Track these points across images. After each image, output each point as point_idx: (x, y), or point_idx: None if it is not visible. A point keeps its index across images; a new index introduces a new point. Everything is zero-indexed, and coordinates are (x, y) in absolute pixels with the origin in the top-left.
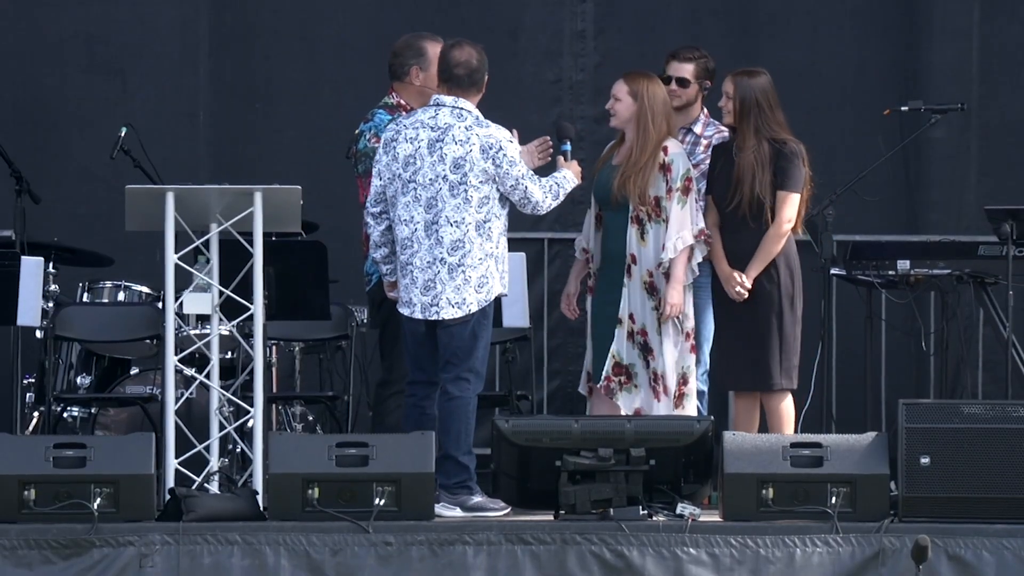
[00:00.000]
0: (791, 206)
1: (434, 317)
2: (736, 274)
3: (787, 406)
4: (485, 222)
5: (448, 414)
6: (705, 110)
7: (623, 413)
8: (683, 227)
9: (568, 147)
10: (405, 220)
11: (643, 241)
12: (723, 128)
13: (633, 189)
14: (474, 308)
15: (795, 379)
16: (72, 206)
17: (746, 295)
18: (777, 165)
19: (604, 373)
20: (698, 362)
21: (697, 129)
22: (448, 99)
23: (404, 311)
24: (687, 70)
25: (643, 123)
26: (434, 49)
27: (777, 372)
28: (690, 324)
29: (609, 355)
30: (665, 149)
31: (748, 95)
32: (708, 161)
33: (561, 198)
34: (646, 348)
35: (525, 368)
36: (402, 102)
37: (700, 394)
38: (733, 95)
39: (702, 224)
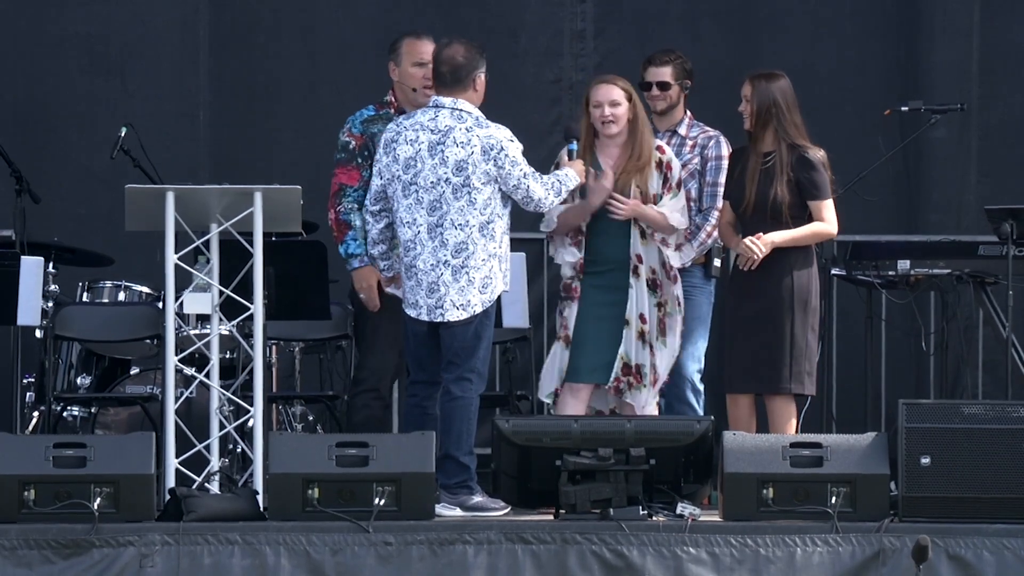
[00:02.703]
0: (830, 210)
1: (439, 319)
2: (750, 238)
3: (788, 406)
4: (489, 223)
5: (450, 414)
6: (688, 112)
7: (636, 412)
8: (675, 209)
9: (575, 147)
10: (407, 223)
11: (645, 240)
12: (708, 129)
13: (637, 188)
14: (478, 309)
15: (806, 384)
16: (72, 206)
17: (760, 256)
18: (802, 176)
19: (614, 374)
20: (695, 360)
21: (682, 131)
22: (447, 101)
23: (411, 312)
24: (666, 73)
25: (639, 124)
26: (411, 46)
27: (785, 376)
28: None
29: (618, 357)
30: (661, 148)
31: (766, 98)
32: (695, 161)
33: (563, 195)
34: (651, 347)
35: (525, 368)
36: (392, 99)
37: (697, 393)
38: (751, 98)
39: (686, 223)
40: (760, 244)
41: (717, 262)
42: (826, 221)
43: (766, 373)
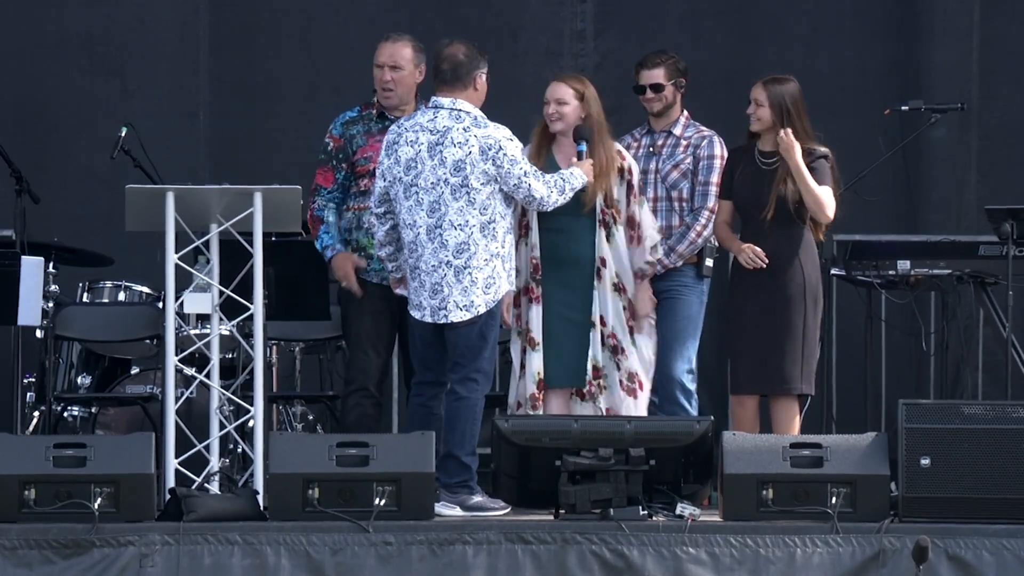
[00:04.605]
0: (829, 195)
1: (443, 321)
2: (747, 246)
3: (794, 406)
4: (490, 223)
5: (455, 413)
6: (686, 111)
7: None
8: (654, 227)
9: (583, 147)
10: (408, 224)
11: (610, 243)
12: (703, 129)
13: (604, 193)
14: (482, 310)
15: (812, 383)
16: (72, 206)
17: (761, 263)
18: (808, 167)
19: (587, 377)
20: (685, 360)
21: (677, 131)
22: (446, 101)
23: (415, 314)
24: (658, 75)
25: (592, 127)
26: (378, 48)
27: (797, 376)
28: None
29: (588, 360)
30: (621, 154)
31: (779, 102)
32: (688, 162)
33: (568, 193)
34: (615, 349)
35: None
36: (376, 100)
37: (688, 394)
38: (764, 102)
39: (658, 222)
40: (762, 254)
41: (709, 262)
42: (825, 191)
43: (776, 373)
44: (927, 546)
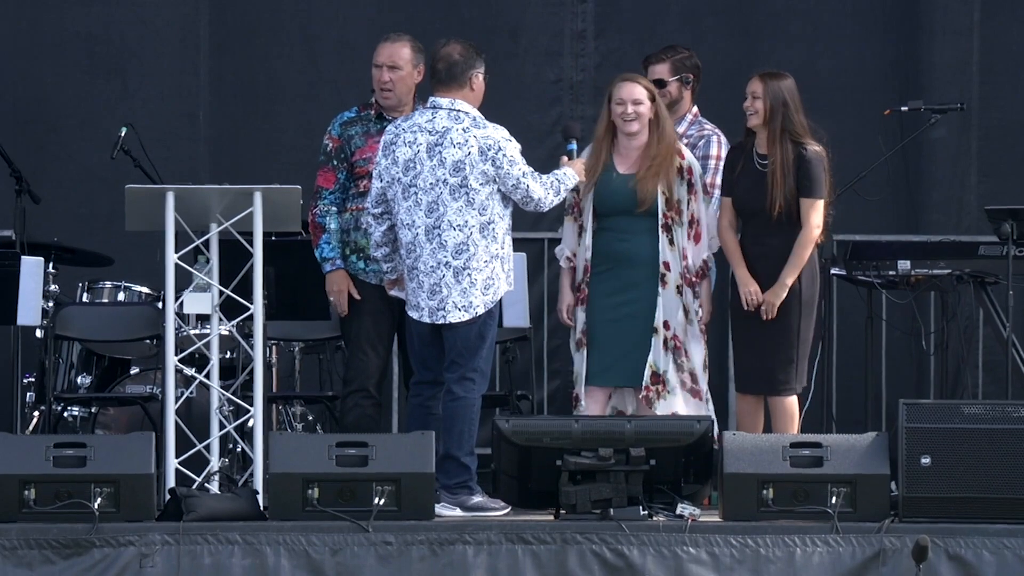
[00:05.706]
0: (817, 212)
1: (441, 322)
2: (752, 288)
3: (793, 404)
4: (489, 224)
5: (452, 414)
6: (695, 108)
7: None
8: (713, 227)
9: (574, 146)
10: (407, 224)
11: (672, 246)
12: (706, 128)
13: (663, 195)
14: (481, 311)
15: (805, 377)
16: (72, 206)
17: (755, 307)
18: (801, 171)
19: (644, 383)
20: None
21: (680, 129)
22: (444, 101)
23: (413, 314)
24: (662, 71)
25: (661, 125)
26: (377, 47)
27: (792, 377)
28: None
29: (647, 366)
30: (681, 153)
31: (777, 97)
32: None
33: (563, 194)
34: (677, 352)
35: (525, 368)
36: (375, 100)
37: None
38: (762, 96)
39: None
40: (768, 308)
41: None
42: (811, 224)
43: (774, 376)
44: (927, 546)
